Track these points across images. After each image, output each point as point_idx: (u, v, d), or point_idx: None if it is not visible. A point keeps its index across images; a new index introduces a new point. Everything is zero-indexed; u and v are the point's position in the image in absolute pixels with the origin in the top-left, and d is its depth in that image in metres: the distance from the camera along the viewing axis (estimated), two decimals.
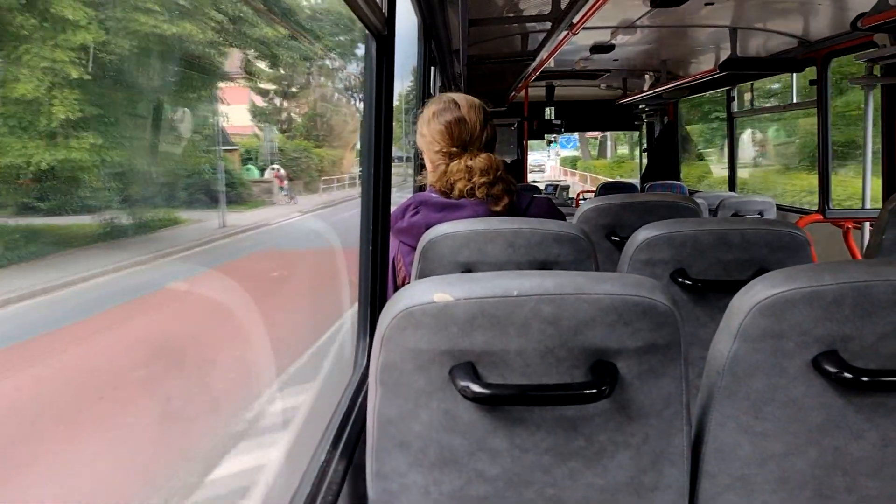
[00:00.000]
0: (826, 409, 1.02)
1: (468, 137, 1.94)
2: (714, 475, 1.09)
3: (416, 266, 1.68)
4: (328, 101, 21.28)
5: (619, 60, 6.49)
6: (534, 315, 0.97)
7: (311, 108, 19.98)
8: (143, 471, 4.46)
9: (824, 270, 1.00)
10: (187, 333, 6.68)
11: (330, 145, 20.30)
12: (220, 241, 9.81)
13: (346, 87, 21.87)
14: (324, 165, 19.11)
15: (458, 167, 1.91)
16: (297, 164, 17.47)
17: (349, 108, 21.70)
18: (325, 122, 20.62)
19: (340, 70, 21.34)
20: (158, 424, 5.03)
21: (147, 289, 6.89)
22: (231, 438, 5.12)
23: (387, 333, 1.00)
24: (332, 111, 21.12)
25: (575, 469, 1.04)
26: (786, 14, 4.30)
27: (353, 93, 21.78)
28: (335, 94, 22.10)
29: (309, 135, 19.22)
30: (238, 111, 16.78)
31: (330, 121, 20.92)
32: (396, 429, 1.03)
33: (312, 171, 18.23)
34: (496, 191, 1.90)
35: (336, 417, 1.38)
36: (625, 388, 1.01)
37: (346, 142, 21.49)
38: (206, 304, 7.15)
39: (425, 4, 3.02)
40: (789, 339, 1.00)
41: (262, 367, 6.11)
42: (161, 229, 8.05)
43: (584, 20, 3.68)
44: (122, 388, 5.28)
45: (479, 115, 1.97)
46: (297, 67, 18.28)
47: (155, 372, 5.64)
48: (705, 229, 1.70)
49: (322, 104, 20.65)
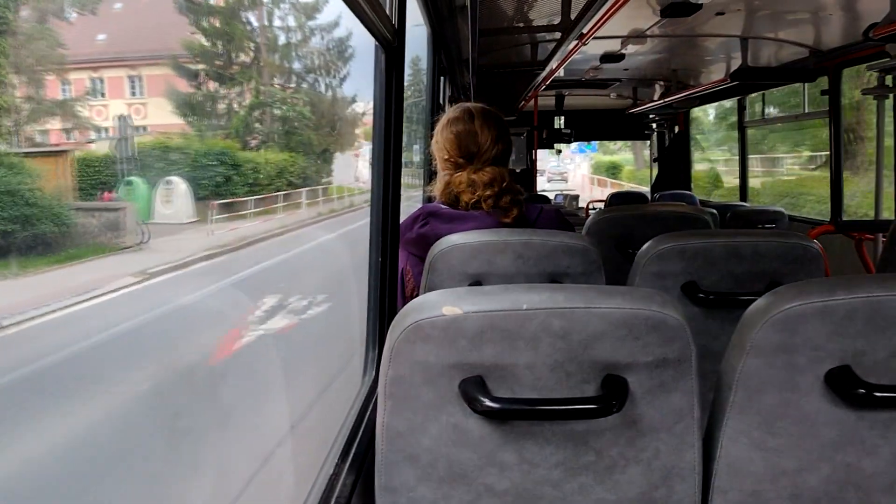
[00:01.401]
0: (839, 424, 1.01)
1: (476, 150, 1.94)
2: (726, 491, 1.07)
3: (425, 277, 1.68)
4: (280, 84, 16.81)
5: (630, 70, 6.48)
6: (543, 329, 0.97)
7: (247, 94, 15.50)
8: None
9: (837, 285, 0.99)
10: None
11: (286, 146, 16.07)
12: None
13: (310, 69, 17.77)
14: (270, 176, 14.58)
15: (460, 179, 1.92)
16: (210, 174, 12.43)
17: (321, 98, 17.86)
18: (272, 114, 16.10)
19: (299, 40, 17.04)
20: None
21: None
22: None
23: (396, 346, 1.00)
24: (288, 99, 16.74)
25: (585, 484, 1.03)
26: (797, 24, 4.29)
27: (325, 75, 18.07)
28: (294, 75, 17.67)
29: (238, 133, 14.90)
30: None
31: (287, 113, 16.53)
32: (405, 442, 1.03)
33: (237, 185, 13.26)
34: (504, 202, 1.89)
35: (345, 430, 1.38)
36: (635, 402, 1.00)
37: (320, 142, 17.59)
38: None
39: (435, 14, 3.03)
40: (801, 353, 0.99)
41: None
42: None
43: (594, 30, 3.68)
44: None
45: (493, 130, 1.96)
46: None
47: None
48: (716, 241, 1.69)
49: (267, 88, 16.18)
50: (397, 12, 1.69)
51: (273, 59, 16.93)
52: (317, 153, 17.88)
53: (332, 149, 19.16)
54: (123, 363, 6.48)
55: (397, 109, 1.73)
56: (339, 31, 19.66)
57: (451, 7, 3.09)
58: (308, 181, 17.05)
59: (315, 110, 18.17)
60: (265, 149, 15.39)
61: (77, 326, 7.14)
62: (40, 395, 5.64)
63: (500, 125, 1.99)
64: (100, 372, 6.25)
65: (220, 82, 14.96)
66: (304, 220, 16.32)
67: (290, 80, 17.89)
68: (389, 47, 1.66)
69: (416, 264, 1.88)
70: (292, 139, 16.60)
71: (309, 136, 17.31)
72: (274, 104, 16.13)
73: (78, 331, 7.01)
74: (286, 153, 16.17)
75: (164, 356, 6.88)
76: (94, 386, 5.96)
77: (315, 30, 18.50)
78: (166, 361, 6.72)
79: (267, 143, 15.59)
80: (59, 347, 6.37)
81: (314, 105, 18.19)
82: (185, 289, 9.47)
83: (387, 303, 1.70)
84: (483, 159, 1.94)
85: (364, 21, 1.41)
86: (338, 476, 1.22)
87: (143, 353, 6.85)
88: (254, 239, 12.91)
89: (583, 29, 3.47)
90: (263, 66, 16.21)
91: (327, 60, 18.50)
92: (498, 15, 3.76)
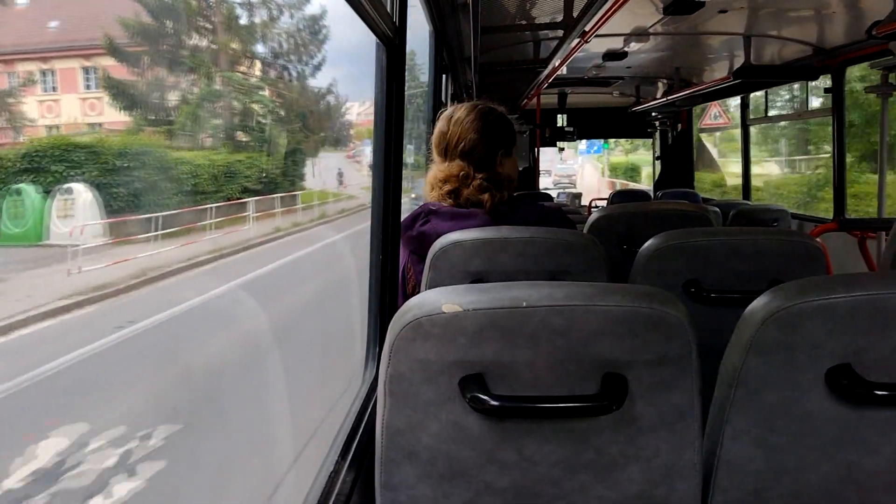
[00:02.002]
0: (839, 422, 1.01)
1: (445, 145, 1.95)
2: (726, 489, 1.07)
3: (426, 276, 1.68)
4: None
5: (632, 68, 6.47)
6: (543, 326, 0.97)
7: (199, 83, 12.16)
8: None
9: (837, 282, 0.99)
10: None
11: (244, 145, 12.49)
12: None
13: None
14: (216, 180, 10.34)
15: (428, 177, 1.95)
16: (126, 179, 8.72)
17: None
18: (231, 106, 12.64)
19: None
20: None
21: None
22: None
23: (396, 344, 0.99)
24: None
25: (585, 482, 1.03)
26: (800, 22, 4.28)
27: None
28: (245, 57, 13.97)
29: (183, 129, 11.10)
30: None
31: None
32: (405, 440, 1.03)
33: (167, 194, 9.43)
34: (468, 194, 1.88)
35: (345, 428, 1.38)
36: (635, 400, 1.00)
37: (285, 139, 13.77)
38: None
39: (437, 12, 3.02)
40: (802, 351, 0.99)
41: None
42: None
43: (596, 28, 3.67)
44: None
45: (472, 124, 1.93)
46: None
47: None
48: (718, 239, 1.68)
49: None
50: (398, 10, 1.69)
51: (232, 41, 13.79)
52: (285, 153, 14.60)
53: (306, 148, 16.24)
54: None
55: (398, 108, 1.72)
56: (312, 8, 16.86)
57: (452, 4, 3.08)
58: (274, 187, 13.80)
59: (284, 103, 15.32)
60: (217, 147, 12.18)
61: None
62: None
63: (482, 118, 1.95)
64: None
65: (168, 68, 11.94)
66: (248, 241, 12.38)
67: (252, 66, 14.95)
68: (391, 45, 1.66)
69: (417, 262, 1.87)
70: (253, 135, 13.51)
71: (273, 133, 14.09)
72: (231, 94, 13.11)
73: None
74: (243, 153, 13.14)
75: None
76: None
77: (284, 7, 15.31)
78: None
79: (220, 141, 12.37)
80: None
81: (283, 97, 15.35)
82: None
83: (387, 301, 1.70)
84: (452, 153, 1.93)
85: (365, 18, 1.41)
86: (338, 473, 1.22)
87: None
88: (151, 276, 8.35)
89: (585, 26, 3.46)
90: (220, 50, 13.19)
91: (298, 43, 15.85)
92: (500, 12, 3.76)
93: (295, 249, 12.94)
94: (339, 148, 21.85)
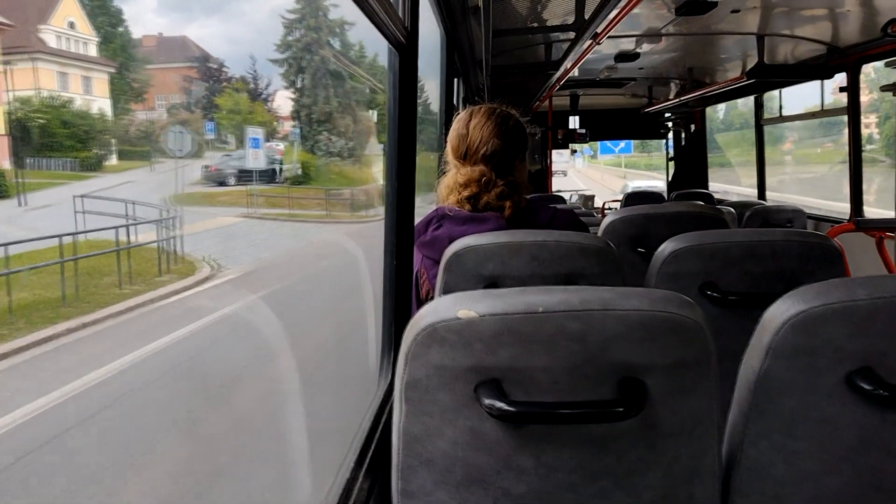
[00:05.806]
0: (861, 427, 0.99)
1: (465, 149, 1.93)
2: (747, 494, 1.06)
3: (440, 280, 1.67)
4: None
5: (645, 69, 6.45)
6: (560, 331, 0.96)
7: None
8: None
9: (857, 285, 0.97)
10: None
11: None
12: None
13: None
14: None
15: (446, 180, 1.93)
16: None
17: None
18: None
19: None
20: None
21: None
22: None
23: (411, 350, 0.99)
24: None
25: (604, 488, 1.02)
26: (814, 21, 4.25)
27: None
28: None
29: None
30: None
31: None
32: (422, 446, 1.02)
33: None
34: (489, 199, 1.87)
35: (361, 434, 1.37)
36: (654, 405, 0.99)
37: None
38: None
39: (448, 16, 3.02)
40: (822, 355, 0.98)
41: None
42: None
43: (608, 29, 3.66)
44: None
45: (489, 127, 1.91)
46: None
47: None
48: (734, 241, 1.67)
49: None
50: (410, 14, 1.68)
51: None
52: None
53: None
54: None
55: (411, 111, 1.72)
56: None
57: (464, 8, 3.08)
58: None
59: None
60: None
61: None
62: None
63: (501, 123, 1.93)
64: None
65: None
66: None
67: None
68: (402, 49, 1.66)
69: (431, 266, 1.87)
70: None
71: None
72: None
73: None
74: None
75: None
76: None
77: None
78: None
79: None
80: None
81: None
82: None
83: (401, 306, 1.70)
84: (473, 158, 1.92)
85: (376, 23, 1.41)
86: (354, 481, 1.22)
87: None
88: None
89: (597, 28, 3.45)
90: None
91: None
92: (512, 15, 3.76)
93: None
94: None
